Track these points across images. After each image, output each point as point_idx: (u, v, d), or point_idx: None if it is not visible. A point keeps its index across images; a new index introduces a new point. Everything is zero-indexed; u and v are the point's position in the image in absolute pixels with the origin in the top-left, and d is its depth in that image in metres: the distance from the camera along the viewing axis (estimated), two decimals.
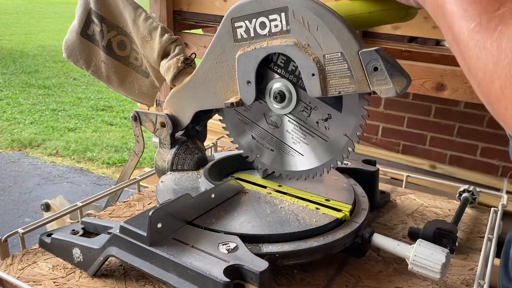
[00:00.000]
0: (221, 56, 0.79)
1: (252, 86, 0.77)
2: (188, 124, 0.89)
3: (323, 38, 0.68)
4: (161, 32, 0.92)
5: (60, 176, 3.60)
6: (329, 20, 0.67)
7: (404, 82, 0.65)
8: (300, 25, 0.69)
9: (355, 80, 0.68)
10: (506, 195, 1.00)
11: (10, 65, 7.19)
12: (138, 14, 0.95)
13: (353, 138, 0.75)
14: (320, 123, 0.77)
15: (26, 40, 9.28)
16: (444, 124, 2.66)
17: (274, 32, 0.72)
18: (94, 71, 1.04)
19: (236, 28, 0.75)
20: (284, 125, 0.80)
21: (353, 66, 0.67)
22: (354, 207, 0.80)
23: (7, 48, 8.42)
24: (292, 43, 0.70)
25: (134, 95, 1.06)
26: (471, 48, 0.43)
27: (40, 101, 5.50)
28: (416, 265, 0.67)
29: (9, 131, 4.49)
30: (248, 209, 0.77)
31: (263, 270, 0.60)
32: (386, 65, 0.65)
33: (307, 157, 0.80)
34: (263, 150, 0.84)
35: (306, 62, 0.70)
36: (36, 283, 0.69)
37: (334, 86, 0.70)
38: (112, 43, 1.00)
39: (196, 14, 2.21)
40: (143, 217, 0.68)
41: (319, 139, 0.78)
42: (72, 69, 7.12)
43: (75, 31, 1.01)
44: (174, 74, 0.88)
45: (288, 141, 0.81)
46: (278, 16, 0.71)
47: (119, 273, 0.72)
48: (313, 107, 0.76)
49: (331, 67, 0.69)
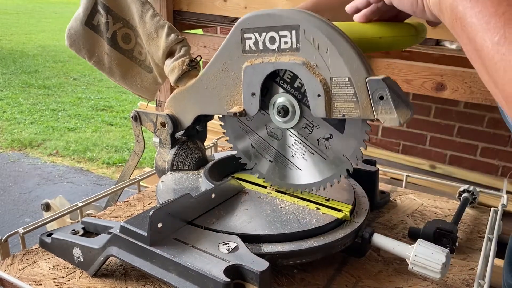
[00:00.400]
0: (227, 65, 0.78)
1: (256, 98, 0.77)
2: (189, 126, 0.89)
3: (332, 60, 0.68)
4: (168, 31, 0.91)
5: (60, 176, 3.60)
6: (339, 44, 0.67)
7: (408, 114, 0.66)
8: (310, 45, 0.69)
9: (360, 106, 0.68)
10: (506, 195, 1.00)
11: (10, 65, 7.19)
12: (145, 10, 0.94)
13: (352, 160, 0.75)
14: (321, 141, 0.77)
15: (26, 40, 9.28)
16: (444, 124, 2.66)
17: (283, 48, 0.72)
18: (97, 61, 1.03)
19: (245, 39, 0.75)
20: (285, 138, 0.80)
21: (360, 92, 0.68)
22: (354, 207, 0.80)
23: (7, 48, 8.43)
24: (300, 62, 0.70)
25: (135, 89, 1.06)
26: (497, 62, 0.42)
27: (40, 101, 5.50)
28: (416, 265, 0.67)
29: (9, 131, 4.49)
30: (248, 209, 0.77)
31: (263, 270, 0.60)
32: (392, 95, 0.65)
33: (305, 173, 0.80)
34: (262, 159, 0.84)
35: (313, 82, 0.70)
36: (37, 283, 0.69)
37: (338, 109, 0.70)
38: (117, 35, 0.99)
39: (196, 14, 2.21)
40: (143, 217, 0.68)
41: (319, 157, 0.78)
42: (72, 69, 7.13)
43: (80, 19, 0.99)
44: (179, 76, 0.88)
45: (288, 155, 0.81)
46: (288, 33, 0.71)
47: (119, 273, 0.72)
48: (315, 125, 0.76)
49: (337, 90, 0.70)
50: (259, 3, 2.03)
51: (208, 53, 2.23)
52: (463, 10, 0.48)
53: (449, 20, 0.52)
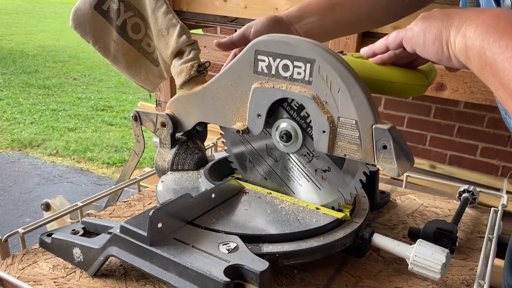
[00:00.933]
0: (237, 81, 0.78)
1: (261, 119, 0.77)
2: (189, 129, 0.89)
3: (342, 101, 0.69)
4: (180, 32, 0.90)
5: (60, 176, 3.60)
6: (352, 87, 0.67)
7: (407, 166, 0.67)
8: (323, 81, 0.69)
9: (363, 149, 0.69)
10: (506, 195, 1.00)
11: (10, 65, 7.19)
12: (158, 5, 0.92)
13: (345, 196, 0.76)
14: (318, 171, 0.77)
15: (26, 40, 9.28)
16: (444, 124, 2.66)
17: (295, 78, 0.72)
18: (101, 48, 1.00)
19: (258, 61, 0.75)
20: (284, 161, 0.81)
21: (364, 137, 0.68)
22: (354, 207, 0.80)
23: (7, 48, 8.42)
24: (310, 96, 0.70)
25: (138, 80, 1.04)
26: None
27: (40, 101, 5.50)
28: (416, 265, 0.67)
29: (9, 131, 4.50)
30: (248, 209, 0.77)
31: (263, 270, 0.60)
32: (396, 146, 0.66)
33: (298, 197, 0.81)
34: (257, 176, 0.85)
35: (320, 118, 0.71)
36: (37, 283, 0.69)
37: (341, 148, 0.71)
38: (127, 24, 0.96)
39: (196, 14, 2.21)
40: (143, 217, 0.68)
41: (314, 185, 0.78)
42: (72, 69, 7.13)
43: (89, 2, 0.96)
44: (185, 80, 0.87)
45: (284, 177, 0.82)
46: (303, 65, 0.71)
47: (119, 273, 0.72)
48: (315, 155, 0.77)
49: (343, 130, 0.70)
50: (259, 3, 2.03)
51: (208, 53, 2.23)
52: (492, 56, 0.48)
53: (478, 66, 0.52)
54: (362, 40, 1.90)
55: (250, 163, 0.85)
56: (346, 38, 1.87)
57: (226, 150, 0.87)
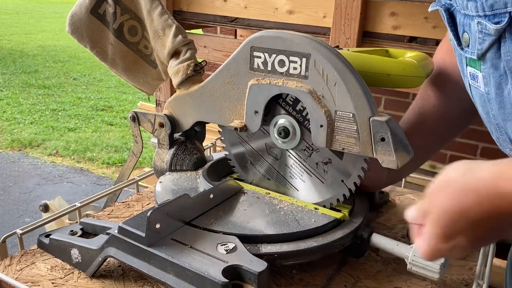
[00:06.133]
0: (233, 78, 0.78)
1: (259, 116, 0.77)
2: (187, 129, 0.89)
3: (339, 95, 0.69)
4: (175, 32, 0.90)
5: (60, 176, 3.60)
6: (348, 80, 0.67)
7: (406, 158, 0.67)
8: (319, 75, 0.69)
9: (361, 142, 0.69)
10: None
11: (10, 65, 7.18)
12: (154, 6, 0.92)
13: (349, 186, 0.75)
14: (319, 165, 0.77)
15: (26, 40, 9.28)
16: None
17: (291, 73, 0.72)
18: (99, 52, 1.00)
19: (254, 57, 0.75)
20: (284, 158, 0.81)
21: (362, 129, 0.68)
22: (353, 207, 0.80)
23: (7, 48, 8.42)
24: (307, 91, 0.70)
25: (137, 83, 1.04)
26: None
27: (40, 101, 5.50)
28: (415, 265, 0.67)
29: (9, 131, 4.49)
30: (246, 210, 0.77)
31: (261, 271, 0.60)
32: (394, 138, 0.66)
33: (302, 193, 0.80)
34: (259, 176, 0.85)
35: (317, 112, 0.71)
36: (35, 284, 0.69)
37: (339, 142, 0.71)
38: (123, 27, 0.97)
39: (196, 14, 2.21)
40: (141, 217, 0.68)
41: (316, 179, 0.78)
42: (72, 69, 7.13)
43: (85, 7, 0.96)
44: (182, 79, 0.87)
45: (286, 175, 0.81)
46: (299, 59, 0.71)
47: (117, 273, 0.72)
48: (315, 148, 0.77)
49: (340, 124, 0.70)
50: (259, 3, 2.03)
51: (208, 53, 2.23)
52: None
53: None
54: (362, 40, 1.90)
55: (254, 167, 0.85)
56: (346, 38, 1.87)
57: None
